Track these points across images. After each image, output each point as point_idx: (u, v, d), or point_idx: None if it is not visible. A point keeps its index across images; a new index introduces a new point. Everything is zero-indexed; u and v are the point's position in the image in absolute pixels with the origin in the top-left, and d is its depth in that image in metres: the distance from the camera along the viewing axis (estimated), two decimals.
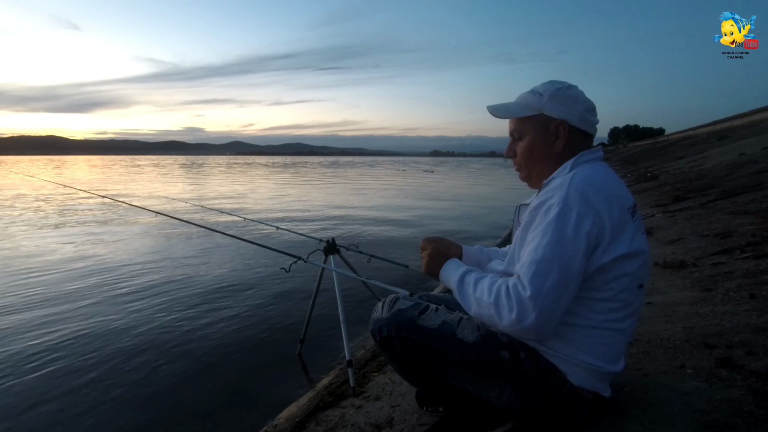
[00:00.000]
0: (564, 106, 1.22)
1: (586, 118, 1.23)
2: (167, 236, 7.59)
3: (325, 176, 30.62)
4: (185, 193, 16.49)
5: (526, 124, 1.28)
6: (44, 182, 4.13)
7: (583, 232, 1.05)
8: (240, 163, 67.98)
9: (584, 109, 1.23)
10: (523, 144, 1.29)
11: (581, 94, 1.24)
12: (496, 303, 1.08)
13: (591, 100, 1.26)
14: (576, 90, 1.24)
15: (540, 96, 1.24)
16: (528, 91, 1.29)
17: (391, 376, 2.22)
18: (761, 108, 29.92)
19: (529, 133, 1.27)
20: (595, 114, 1.26)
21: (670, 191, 7.65)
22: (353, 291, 4.15)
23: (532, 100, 1.25)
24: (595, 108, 1.26)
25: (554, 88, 1.24)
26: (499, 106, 1.32)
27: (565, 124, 1.22)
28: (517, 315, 1.04)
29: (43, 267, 5.44)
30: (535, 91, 1.26)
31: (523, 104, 1.28)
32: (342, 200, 14.20)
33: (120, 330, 3.52)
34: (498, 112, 1.32)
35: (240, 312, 3.94)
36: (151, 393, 2.63)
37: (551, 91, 1.23)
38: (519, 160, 1.31)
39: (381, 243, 7.20)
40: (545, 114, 1.24)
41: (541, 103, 1.24)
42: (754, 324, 1.86)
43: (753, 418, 1.21)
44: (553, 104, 1.23)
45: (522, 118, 1.28)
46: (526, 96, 1.28)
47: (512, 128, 1.31)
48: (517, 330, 1.07)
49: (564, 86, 1.24)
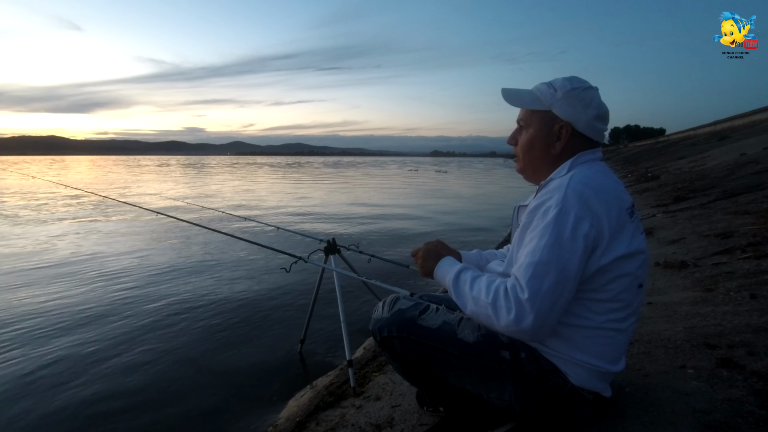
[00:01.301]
0: (573, 108, 1.19)
1: (593, 125, 1.20)
2: (167, 236, 7.60)
3: (342, 177, 29.87)
4: (201, 194, 16.35)
5: (533, 117, 1.25)
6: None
7: (580, 234, 1.04)
8: (245, 164, 67.86)
9: (594, 115, 1.19)
10: (526, 136, 1.27)
11: (596, 99, 1.20)
12: (494, 303, 1.08)
13: (606, 106, 1.21)
14: (592, 93, 1.20)
15: (554, 92, 1.21)
16: (546, 82, 1.25)
17: (391, 376, 2.22)
18: (762, 108, 29.88)
19: (533, 127, 1.25)
20: (606, 122, 1.22)
21: (671, 191, 7.64)
22: (354, 291, 4.15)
23: (546, 95, 1.22)
24: (607, 115, 1.21)
25: (570, 87, 1.19)
26: (511, 92, 1.29)
27: (569, 127, 1.20)
28: (515, 316, 1.04)
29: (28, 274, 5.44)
30: (552, 85, 1.22)
31: (536, 96, 1.24)
32: (373, 202, 13.98)
33: (119, 330, 3.52)
34: (509, 97, 1.29)
35: (240, 312, 3.94)
36: (151, 393, 2.63)
37: (566, 90, 1.19)
38: (518, 150, 1.30)
39: (395, 240, 7.21)
40: (554, 112, 1.21)
41: (553, 99, 1.20)
42: (755, 324, 1.86)
43: (754, 418, 1.21)
44: (563, 104, 1.19)
45: (531, 110, 1.26)
46: (542, 87, 1.24)
47: (520, 116, 1.29)
48: (513, 331, 1.07)
49: (581, 87, 1.19)
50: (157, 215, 3.52)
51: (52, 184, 5.44)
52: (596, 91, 1.21)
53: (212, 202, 13.36)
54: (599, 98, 1.21)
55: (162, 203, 12.56)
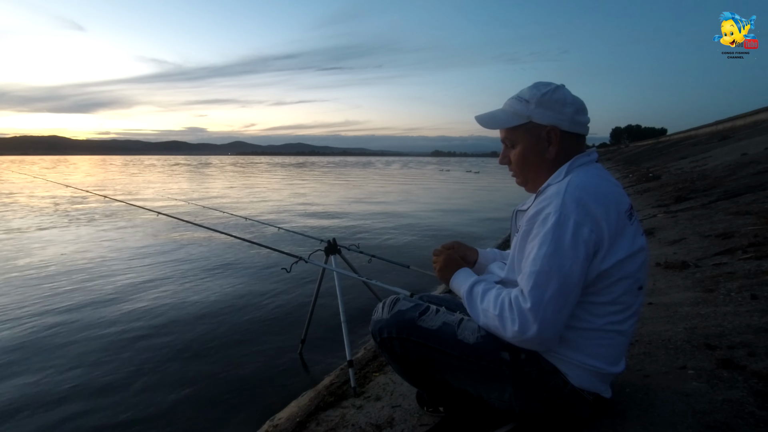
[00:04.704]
0: (552, 111, 1.19)
1: (576, 120, 1.20)
2: (165, 237, 7.60)
3: (379, 176, 28.93)
4: (210, 195, 16.10)
5: (516, 133, 1.25)
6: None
7: (581, 240, 1.05)
8: (250, 163, 67.38)
9: (573, 111, 1.19)
10: (516, 152, 1.27)
11: (568, 95, 1.20)
12: (501, 315, 1.09)
13: (579, 98, 1.21)
14: (562, 91, 1.20)
15: (527, 103, 1.21)
16: (514, 96, 1.25)
17: (391, 376, 2.22)
18: (763, 108, 29.79)
19: (520, 142, 1.25)
20: (586, 113, 1.22)
21: (672, 191, 7.63)
22: (354, 291, 4.15)
23: (519, 108, 1.22)
24: (584, 107, 1.22)
25: (540, 93, 1.20)
26: (486, 117, 1.29)
27: (556, 129, 1.20)
28: (519, 327, 1.05)
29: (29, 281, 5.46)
30: (521, 97, 1.23)
31: (510, 112, 1.25)
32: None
33: (118, 330, 3.53)
34: (486, 123, 1.29)
35: (240, 312, 3.94)
36: (151, 393, 2.64)
37: (537, 97, 1.20)
38: (514, 168, 1.30)
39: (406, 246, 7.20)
40: (534, 121, 1.21)
41: (529, 110, 1.21)
42: (755, 325, 1.86)
43: (754, 419, 1.21)
44: (540, 111, 1.19)
45: (512, 127, 1.25)
46: (512, 103, 1.24)
47: (503, 136, 1.29)
48: (520, 341, 1.08)
49: (550, 90, 1.20)
50: (158, 215, 3.53)
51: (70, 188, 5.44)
52: (564, 88, 1.22)
53: (217, 202, 13.36)
54: (570, 94, 1.21)
55: (162, 203, 12.57)
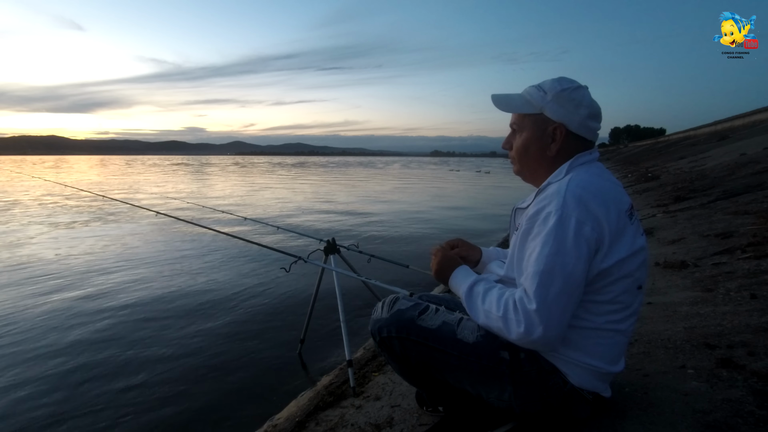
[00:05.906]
0: (565, 109, 1.19)
1: (586, 124, 1.20)
2: (165, 236, 7.60)
3: (374, 178, 28.44)
4: (215, 196, 15.97)
5: (525, 120, 1.25)
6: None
7: (583, 239, 1.04)
8: (250, 163, 67.22)
9: (586, 114, 1.19)
10: (520, 140, 1.27)
11: (587, 98, 1.19)
12: (505, 317, 1.09)
13: (598, 104, 1.21)
14: (583, 92, 1.19)
15: (544, 94, 1.20)
16: (536, 85, 1.25)
17: (391, 376, 2.22)
18: (762, 108, 29.84)
19: (526, 130, 1.25)
20: (599, 120, 1.21)
21: (671, 191, 7.64)
22: (353, 291, 4.15)
23: (536, 97, 1.22)
24: (599, 113, 1.21)
25: (560, 88, 1.19)
26: (501, 97, 1.29)
27: (562, 128, 1.19)
28: (525, 328, 1.05)
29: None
30: (542, 87, 1.22)
31: (526, 99, 1.25)
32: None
33: (118, 330, 3.52)
34: (499, 103, 1.29)
35: (240, 312, 3.94)
36: (151, 393, 2.63)
37: (556, 91, 1.19)
38: (514, 154, 1.30)
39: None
40: (545, 114, 1.21)
41: (544, 102, 1.20)
42: (755, 324, 1.86)
43: (754, 418, 1.21)
44: (554, 106, 1.19)
45: (523, 114, 1.26)
46: (531, 91, 1.24)
47: (512, 120, 1.29)
48: (526, 343, 1.08)
49: (571, 87, 1.19)
50: (157, 215, 3.52)
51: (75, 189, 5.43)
52: (586, 90, 1.21)
53: (217, 202, 13.35)
54: (590, 97, 1.21)
55: (162, 202, 12.56)
